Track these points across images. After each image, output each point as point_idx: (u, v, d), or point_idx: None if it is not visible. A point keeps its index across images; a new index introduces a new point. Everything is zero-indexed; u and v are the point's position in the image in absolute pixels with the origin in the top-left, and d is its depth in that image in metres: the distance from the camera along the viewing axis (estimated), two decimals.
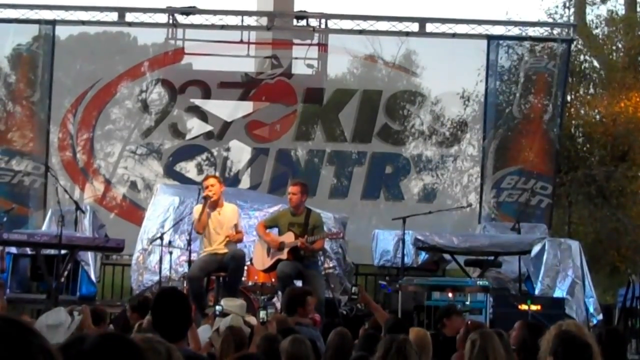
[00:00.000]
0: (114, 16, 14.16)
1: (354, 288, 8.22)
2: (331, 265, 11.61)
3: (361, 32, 14.24)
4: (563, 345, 4.43)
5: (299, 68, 14.36)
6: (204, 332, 6.62)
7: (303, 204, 9.87)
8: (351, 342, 6.01)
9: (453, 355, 6.63)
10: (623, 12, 20.58)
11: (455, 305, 8.85)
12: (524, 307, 9.99)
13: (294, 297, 7.87)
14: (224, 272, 9.46)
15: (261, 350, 5.35)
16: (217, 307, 7.30)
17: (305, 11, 14.36)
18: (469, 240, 11.45)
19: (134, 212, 13.88)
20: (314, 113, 14.65)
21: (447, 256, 11.91)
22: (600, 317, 11.40)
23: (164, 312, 4.45)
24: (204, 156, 14.76)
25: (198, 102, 14.30)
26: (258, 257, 9.85)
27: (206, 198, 9.52)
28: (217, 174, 14.14)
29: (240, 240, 9.78)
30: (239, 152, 14.63)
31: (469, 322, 7.47)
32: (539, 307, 10.04)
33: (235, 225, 9.62)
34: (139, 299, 8.01)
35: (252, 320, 7.02)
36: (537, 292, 11.45)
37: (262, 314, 6.77)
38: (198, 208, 9.67)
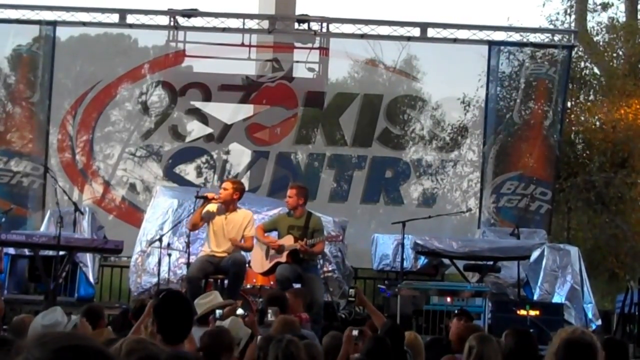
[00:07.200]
0: (114, 18, 14.14)
1: (351, 290, 8.18)
2: (330, 268, 11.59)
3: (362, 36, 14.23)
4: (569, 351, 4.38)
5: (300, 71, 14.35)
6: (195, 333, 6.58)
7: (301, 206, 9.79)
8: None
9: (442, 358, 6.52)
10: (624, 19, 20.60)
11: (460, 309, 8.78)
12: (522, 312, 9.97)
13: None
14: (221, 274, 9.43)
15: (262, 351, 5.30)
16: (217, 311, 7.25)
17: (306, 15, 14.34)
18: (468, 245, 11.44)
19: (133, 214, 13.87)
20: (315, 117, 14.63)
21: (446, 261, 11.89)
22: (599, 322, 11.41)
23: (169, 316, 4.42)
24: (203, 159, 14.73)
25: (198, 104, 14.28)
26: (257, 260, 9.80)
27: (204, 198, 9.49)
28: (217, 176, 14.18)
29: (249, 249, 9.67)
30: (239, 155, 14.61)
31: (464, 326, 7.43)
32: (537, 312, 10.02)
33: (245, 232, 9.53)
34: (139, 304, 7.83)
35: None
36: (535, 297, 11.46)
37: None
38: (212, 207, 9.61)
